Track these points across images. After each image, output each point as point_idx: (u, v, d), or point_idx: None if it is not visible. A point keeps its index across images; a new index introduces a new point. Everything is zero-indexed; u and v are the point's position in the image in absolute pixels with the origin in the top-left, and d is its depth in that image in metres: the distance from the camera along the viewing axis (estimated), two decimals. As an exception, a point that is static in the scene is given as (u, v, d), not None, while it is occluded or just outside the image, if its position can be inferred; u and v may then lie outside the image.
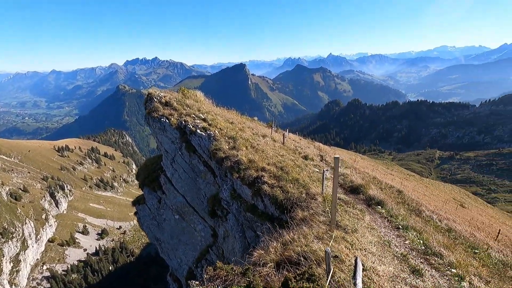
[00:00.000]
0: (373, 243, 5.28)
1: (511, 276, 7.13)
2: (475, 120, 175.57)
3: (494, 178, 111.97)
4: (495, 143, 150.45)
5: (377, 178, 19.69)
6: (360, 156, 73.76)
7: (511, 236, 24.37)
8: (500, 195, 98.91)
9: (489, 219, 37.58)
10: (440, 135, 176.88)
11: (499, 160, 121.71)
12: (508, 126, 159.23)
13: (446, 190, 58.34)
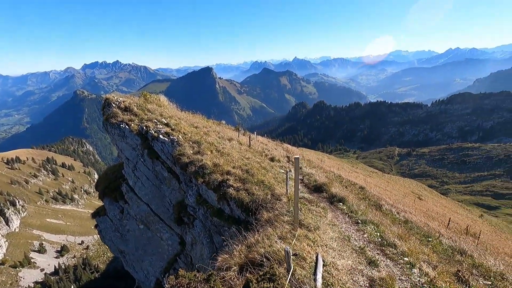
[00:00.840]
0: (334, 239, 5.47)
1: (458, 259, 7.80)
2: (427, 119, 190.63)
3: (446, 171, 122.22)
4: (445, 139, 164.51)
5: (342, 176, 20.53)
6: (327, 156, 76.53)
7: (461, 223, 26.70)
8: (452, 186, 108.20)
9: (442, 209, 40.86)
10: (398, 133, 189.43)
11: (449, 155, 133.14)
12: (456, 123, 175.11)
13: (405, 184, 62.50)
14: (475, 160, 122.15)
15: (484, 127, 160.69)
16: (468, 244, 10.47)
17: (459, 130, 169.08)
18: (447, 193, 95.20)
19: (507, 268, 8.63)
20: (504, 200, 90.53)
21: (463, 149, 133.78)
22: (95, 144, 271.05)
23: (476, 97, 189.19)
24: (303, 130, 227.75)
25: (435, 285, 4.15)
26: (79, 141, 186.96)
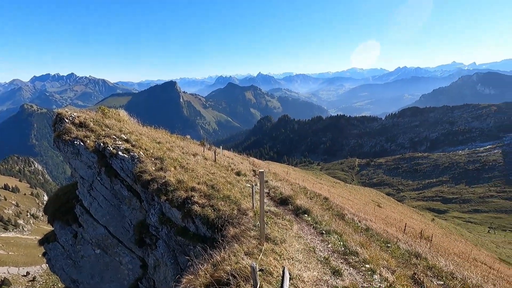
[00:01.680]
0: (300, 251, 5.53)
1: (414, 262, 8.30)
2: (383, 131, 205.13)
3: (401, 179, 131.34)
4: (399, 149, 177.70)
5: (307, 188, 21.03)
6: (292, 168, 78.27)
7: (416, 228, 28.62)
8: (407, 193, 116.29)
9: (399, 215, 43.53)
10: (357, 145, 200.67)
11: (403, 164, 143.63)
12: (407, 135, 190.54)
13: (366, 193, 65.83)
14: (425, 168, 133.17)
15: (431, 137, 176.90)
16: (422, 248, 11.22)
17: (410, 141, 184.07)
18: (403, 200, 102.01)
19: (456, 267, 9.35)
20: (451, 204, 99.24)
21: (414, 158, 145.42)
22: (45, 163, 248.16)
23: (423, 111, 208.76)
24: (268, 143, 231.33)
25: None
26: (26, 159, 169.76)
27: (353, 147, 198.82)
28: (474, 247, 38.58)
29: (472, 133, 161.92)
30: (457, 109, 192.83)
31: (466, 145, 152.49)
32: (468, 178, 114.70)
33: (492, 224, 79.02)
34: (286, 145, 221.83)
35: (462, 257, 20.66)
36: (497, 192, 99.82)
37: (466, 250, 28.48)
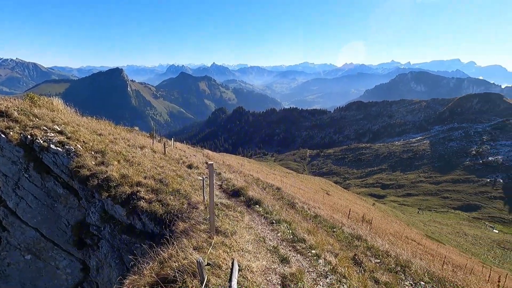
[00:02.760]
0: (250, 241, 5.56)
1: (356, 244, 9.00)
2: (331, 123, 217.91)
3: (347, 168, 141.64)
4: (345, 141, 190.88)
5: (260, 179, 21.37)
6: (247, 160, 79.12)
7: (359, 212, 31.19)
8: (352, 181, 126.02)
9: (345, 201, 46.99)
10: (308, 136, 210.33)
11: (349, 154, 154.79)
12: (353, 127, 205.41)
13: (316, 182, 69.68)
14: (368, 158, 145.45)
15: (373, 129, 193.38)
16: (363, 230, 12.25)
17: (355, 133, 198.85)
18: (349, 187, 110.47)
19: (391, 246, 10.38)
20: (389, 189, 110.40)
21: (358, 149, 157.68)
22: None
23: (366, 105, 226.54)
24: (223, 135, 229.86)
25: (336, 271, 4.65)
26: None
27: (304, 139, 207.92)
28: (406, 226, 43.59)
29: (407, 126, 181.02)
30: (395, 104, 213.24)
31: (401, 136, 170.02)
32: (403, 166, 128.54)
33: (421, 206, 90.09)
34: (241, 137, 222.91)
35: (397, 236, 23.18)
36: (425, 177, 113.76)
37: (400, 230, 32.03)
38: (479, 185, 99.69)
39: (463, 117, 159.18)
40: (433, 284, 6.46)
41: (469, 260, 27.41)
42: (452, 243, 46.63)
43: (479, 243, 53.51)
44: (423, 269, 7.25)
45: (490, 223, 77.36)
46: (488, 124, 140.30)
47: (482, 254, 46.59)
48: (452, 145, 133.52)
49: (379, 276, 5.23)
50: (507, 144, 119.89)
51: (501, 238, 58.33)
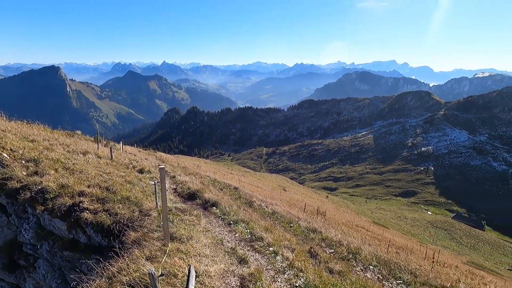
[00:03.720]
0: (207, 245, 5.41)
1: (312, 237, 9.36)
2: (285, 121, 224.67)
3: (301, 164, 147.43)
4: (299, 138, 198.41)
5: (217, 180, 21.09)
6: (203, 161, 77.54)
7: (314, 206, 32.66)
8: (307, 176, 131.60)
9: (301, 196, 48.84)
10: (264, 134, 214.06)
11: (303, 150, 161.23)
12: (306, 124, 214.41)
13: (273, 180, 71.20)
14: (320, 153, 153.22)
15: (324, 126, 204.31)
16: (318, 223, 12.83)
17: (308, 130, 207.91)
18: (304, 182, 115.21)
19: (343, 235, 11.02)
20: (340, 182, 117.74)
21: (311, 145, 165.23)
22: None
23: (317, 103, 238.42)
24: (178, 136, 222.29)
25: (294, 266, 4.76)
26: None
27: (260, 137, 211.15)
28: (356, 215, 46.95)
29: (353, 122, 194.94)
30: (342, 101, 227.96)
31: (349, 132, 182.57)
32: (351, 159, 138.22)
33: (368, 195, 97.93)
34: (197, 138, 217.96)
35: (348, 226, 24.81)
36: (371, 169, 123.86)
37: (351, 219, 34.36)
38: (415, 173, 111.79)
39: (400, 112, 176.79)
40: (380, 267, 7.01)
41: (409, 241, 30.56)
42: (395, 227, 51.53)
43: (417, 224, 60.03)
44: (371, 254, 7.82)
45: (425, 206, 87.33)
46: (420, 119, 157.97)
47: (420, 234, 52.39)
48: (392, 138, 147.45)
49: (333, 266, 5.50)
50: (435, 135, 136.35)
51: (434, 219, 66.23)
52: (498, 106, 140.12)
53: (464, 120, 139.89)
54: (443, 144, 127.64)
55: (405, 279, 6.39)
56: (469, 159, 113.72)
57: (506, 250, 55.03)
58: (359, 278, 5.22)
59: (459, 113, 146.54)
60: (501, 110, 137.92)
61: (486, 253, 51.07)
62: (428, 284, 6.33)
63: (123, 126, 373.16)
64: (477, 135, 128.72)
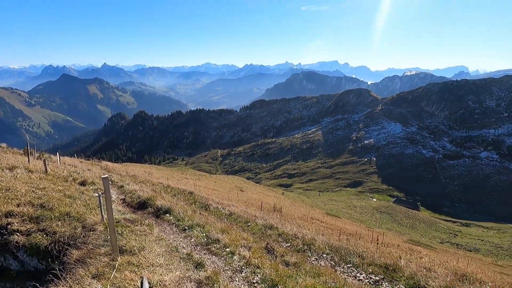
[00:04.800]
0: (161, 254, 5.20)
1: (269, 234, 9.58)
2: (239, 122, 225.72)
3: (257, 163, 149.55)
4: (253, 138, 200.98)
5: (171, 186, 20.32)
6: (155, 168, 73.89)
7: (271, 203, 33.42)
8: (263, 175, 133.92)
9: (258, 195, 49.55)
10: (218, 136, 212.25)
11: (257, 150, 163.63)
12: (259, 124, 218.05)
13: (229, 181, 70.94)
14: (274, 152, 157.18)
15: (276, 125, 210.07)
16: (274, 219, 13.17)
17: (261, 129, 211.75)
18: (260, 181, 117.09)
19: (298, 229, 11.48)
20: (294, 178, 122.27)
21: (265, 144, 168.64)
22: None
23: (268, 103, 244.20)
24: (125, 143, 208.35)
25: (251, 263, 4.84)
26: None
27: (214, 139, 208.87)
28: (311, 208, 49.28)
29: (303, 120, 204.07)
30: (292, 101, 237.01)
31: (300, 129, 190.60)
32: (303, 156, 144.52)
33: (320, 188, 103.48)
34: (146, 144, 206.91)
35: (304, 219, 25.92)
36: (321, 163, 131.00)
37: (306, 213, 35.95)
38: (360, 164, 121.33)
39: (344, 109, 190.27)
40: (332, 254, 7.48)
41: (359, 227, 33.12)
42: (346, 216, 55.34)
43: (364, 211, 65.25)
44: (324, 243, 8.29)
45: (370, 194, 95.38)
46: (362, 114, 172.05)
47: (367, 220, 57.09)
48: (338, 133, 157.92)
49: (289, 258, 5.71)
50: (375, 129, 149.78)
51: (378, 205, 72.71)
52: (424, 100, 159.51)
53: (397, 114, 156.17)
54: (382, 136, 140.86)
55: (354, 262, 6.91)
56: (404, 149, 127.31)
57: (437, 226, 62.91)
58: (313, 267, 5.50)
59: (393, 108, 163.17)
60: (426, 104, 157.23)
61: (422, 230, 57.74)
62: (373, 264, 6.93)
63: (60, 136, 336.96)
64: (409, 127, 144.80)
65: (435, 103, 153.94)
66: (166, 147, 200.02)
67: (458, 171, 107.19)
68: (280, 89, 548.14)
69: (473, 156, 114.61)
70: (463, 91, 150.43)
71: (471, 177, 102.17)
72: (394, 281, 5.89)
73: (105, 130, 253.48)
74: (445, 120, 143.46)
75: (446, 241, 51.59)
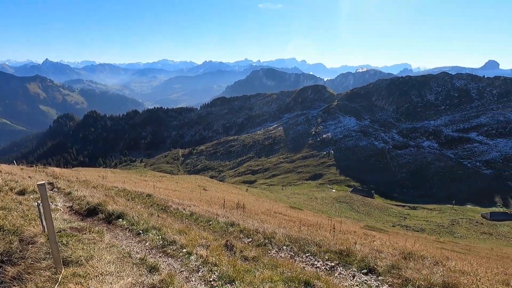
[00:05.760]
0: (112, 262, 4.89)
1: (230, 231, 9.55)
2: (200, 120, 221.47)
3: (220, 161, 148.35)
4: (215, 136, 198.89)
5: (127, 189, 19.24)
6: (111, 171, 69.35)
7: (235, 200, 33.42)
8: (226, 173, 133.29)
9: (222, 193, 49.20)
10: (178, 135, 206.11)
11: (220, 148, 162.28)
12: (220, 122, 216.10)
13: (192, 181, 69.35)
14: (237, 149, 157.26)
15: (238, 122, 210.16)
16: (236, 216, 13.18)
17: (223, 127, 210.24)
18: (224, 179, 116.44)
19: (260, 224, 11.61)
20: (258, 174, 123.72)
21: (228, 141, 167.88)
22: None
23: (229, 100, 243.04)
24: (75, 146, 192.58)
25: (208, 262, 4.77)
26: None
27: (175, 139, 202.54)
28: (274, 203, 50.31)
29: (265, 116, 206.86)
30: (252, 97, 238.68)
31: (261, 126, 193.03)
32: (266, 152, 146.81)
33: (283, 183, 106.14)
34: (100, 146, 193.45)
35: (267, 214, 26.36)
36: (283, 158, 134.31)
37: (269, 207, 36.61)
38: (319, 157, 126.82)
39: (303, 105, 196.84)
40: (292, 245, 7.71)
41: (320, 218, 34.64)
42: (308, 208, 57.53)
43: (325, 202, 68.46)
44: (284, 236, 8.50)
45: (330, 185, 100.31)
46: (319, 109, 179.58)
47: (328, 210, 60.01)
48: (298, 128, 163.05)
49: (248, 253, 5.74)
50: (332, 123, 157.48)
51: (337, 195, 76.79)
52: (374, 95, 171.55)
53: (352, 109, 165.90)
54: (339, 130, 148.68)
55: (312, 251, 7.19)
56: (358, 141, 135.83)
57: (389, 211, 68.45)
58: (271, 259, 5.60)
59: (348, 103, 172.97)
60: (376, 99, 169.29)
61: (376, 216, 62.36)
62: (330, 251, 7.28)
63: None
64: (362, 120, 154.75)
65: (384, 97, 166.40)
66: (122, 149, 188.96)
67: (406, 159, 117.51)
68: (240, 86, 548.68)
69: (418, 146, 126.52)
70: (407, 87, 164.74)
71: (416, 164, 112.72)
72: (348, 265, 6.24)
73: (50, 133, 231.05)
74: (393, 113, 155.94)
75: (397, 224, 56.38)
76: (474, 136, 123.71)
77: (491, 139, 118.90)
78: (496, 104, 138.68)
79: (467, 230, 53.25)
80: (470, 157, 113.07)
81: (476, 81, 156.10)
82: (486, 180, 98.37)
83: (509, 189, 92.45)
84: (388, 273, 5.65)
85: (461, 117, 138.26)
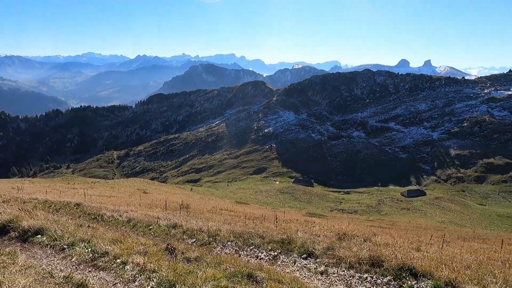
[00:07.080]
0: (27, 286, 4.22)
1: (173, 233, 9.17)
2: (136, 119, 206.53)
3: (161, 162, 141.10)
4: (154, 135, 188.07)
5: (50, 200, 16.97)
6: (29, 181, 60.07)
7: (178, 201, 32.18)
8: (168, 173, 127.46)
9: (165, 195, 46.85)
10: (112, 136, 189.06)
11: (160, 147, 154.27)
12: (159, 120, 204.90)
13: (130, 184, 64.42)
14: (178, 148, 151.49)
15: (178, 120, 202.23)
16: (180, 217, 12.70)
17: (162, 125, 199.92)
18: (166, 180, 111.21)
19: (205, 222, 11.38)
20: (202, 172, 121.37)
21: (168, 140, 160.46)
22: None
23: (167, 97, 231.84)
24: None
25: (146, 269, 4.48)
26: None
27: (108, 140, 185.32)
28: (220, 200, 50.03)
29: (206, 113, 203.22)
30: (193, 94, 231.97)
31: (203, 123, 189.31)
32: (209, 149, 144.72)
33: (229, 179, 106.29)
34: (13, 153, 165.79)
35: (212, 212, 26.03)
36: (228, 155, 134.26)
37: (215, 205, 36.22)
38: (262, 152, 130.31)
39: (244, 100, 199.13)
40: (236, 240, 7.76)
41: (265, 210, 35.68)
42: (254, 201, 58.75)
43: (270, 195, 70.78)
44: (229, 232, 8.51)
45: (273, 178, 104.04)
46: (260, 105, 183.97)
47: (273, 202, 62.21)
48: (241, 124, 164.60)
49: (190, 254, 5.57)
50: (273, 118, 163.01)
51: (281, 187, 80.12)
52: (310, 90, 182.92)
53: (290, 104, 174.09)
54: (279, 124, 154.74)
55: (256, 243, 7.35)
56: (297, 134, 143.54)
57: (327, 197, 74.25)
58: (215, 257, 5.54)
59: (287, 98, 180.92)
60: (312, 94, 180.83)
61: (316, 203, 67.02)
62: (273, 241, 7.53)
63: None
64: (300, 115, 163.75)
65: (318, 92, 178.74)
66: (43, 154, 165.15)
67: (339, 149, 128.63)
68: (179, 82, 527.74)
69: (349, 136, 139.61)
70: (338, 82, 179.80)
71: (348, 153, 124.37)
72: (289, 252, 6.55)
73: None
74: (327, 107, 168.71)
75: (335, 208, 61.56)
76: (392, 125, 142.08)
77: (405, 128, 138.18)
78: (408, 97, 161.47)
79: (391, 208, 61.13)
80: (390, 144, 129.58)
81: (392, 78, 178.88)
82: (403, 163, 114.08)
83: (420, 170, 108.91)
84: (325, 255, 6.11)
85: (382, 109, 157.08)
